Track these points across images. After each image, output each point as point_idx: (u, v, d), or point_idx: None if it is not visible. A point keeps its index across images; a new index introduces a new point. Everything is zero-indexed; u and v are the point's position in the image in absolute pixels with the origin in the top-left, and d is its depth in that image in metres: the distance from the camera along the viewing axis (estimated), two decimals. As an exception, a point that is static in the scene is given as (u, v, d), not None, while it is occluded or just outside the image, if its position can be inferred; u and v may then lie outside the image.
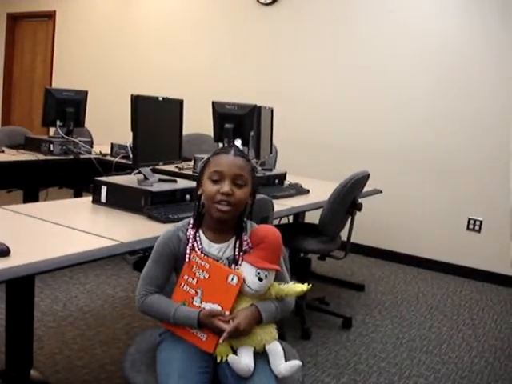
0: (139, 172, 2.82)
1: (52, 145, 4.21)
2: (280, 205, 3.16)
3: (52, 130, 4.94)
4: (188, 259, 1.75)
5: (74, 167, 4.34)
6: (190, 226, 1.80)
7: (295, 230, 3.90)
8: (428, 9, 5.14)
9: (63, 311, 3.48)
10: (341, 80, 5.58)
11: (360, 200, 3.62)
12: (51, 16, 7.87)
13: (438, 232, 5.19)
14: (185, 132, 3.23)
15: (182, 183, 2.90)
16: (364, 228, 4.79)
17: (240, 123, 3.68)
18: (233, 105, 3.76)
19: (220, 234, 1.80)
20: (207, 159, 1.81)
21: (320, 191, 3.71)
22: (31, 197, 4.30)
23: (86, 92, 4.62)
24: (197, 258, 1.74)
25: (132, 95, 2.70)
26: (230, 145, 1.86)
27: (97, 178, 2.77)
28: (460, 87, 5.01)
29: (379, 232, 5.43)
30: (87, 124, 4.74)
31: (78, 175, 4.35)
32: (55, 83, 7.70)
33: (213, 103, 3.85)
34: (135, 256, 4.32)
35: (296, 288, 1.76)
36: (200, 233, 1.80)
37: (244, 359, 1.66)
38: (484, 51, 4.89)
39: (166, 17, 6.77)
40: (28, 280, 2.29)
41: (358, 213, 3.64)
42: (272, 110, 3.99)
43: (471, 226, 5.05)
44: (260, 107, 3.69)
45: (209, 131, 4.09)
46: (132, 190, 2.64)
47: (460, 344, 3.56)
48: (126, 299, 3.77)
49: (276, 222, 2.85)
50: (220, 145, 3.85)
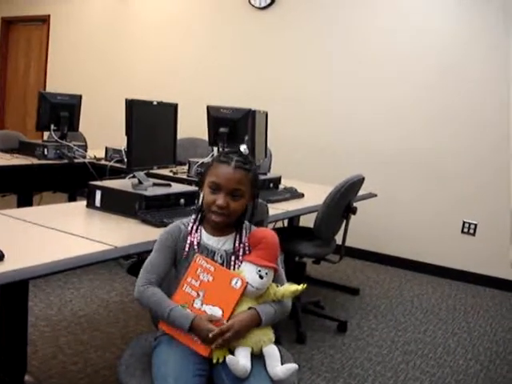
0: (133, 176, 2.82)
1: (46, 149, 4.20)
2: (275, 209, 3.17)
3: (46, 134, 4.94)
4: (187, 249, 1.80)
5: (68, 171, 4.33)
6: (192, 221, 1.86)
7: (290, 234, 3.89)
8: (427, 9, 5.14)
9: (57, 316, 3.46)
10: (336, 83, 5.59)
11: (355, 204, 3.62)
12: (45, 20, 7.86)
13: (433, 235, 5.20)
14: (179, 136, 3.23)
15: (177, 187, 2.90)
16: (359, 232, 4.80)
17: (235, 127, 3.69)
18: (227, 109, 3.77)
19: (220, 230, 1.85)
20: (210, 164, 1.86)
21: (315, 195, 3.71)
22: (25, 201, 4.28)
23: (80, 96, 4.61)
24: (202, 261, 1.76)
25: (126, 99, 2.70)
26: (233, 151, 1.87)
27: (91, 183, 2.76)
28: (455, 92, 5.02)
29: (374, 236, 5.44)
30: (81, 128, 4.73)
31: (72, 179, 4.34)
32: (49, 87, 7.67)
33: (207, 107, 3.85)
34: (129, 260, 4.32)
35: (291, 288, 1.79)
36: (200, 227, 1.85)
37: (241, 360, 1.67)
38: (484, 52, 4.89)
39: (160, 21, 6.77)
40: (22, 284, 2.28)
41: (353, 216, 3.64)
42: (266, 114, 3.99)
43: (466, 230, 5.06)
44: (255, 111, 3.69)
45: (203, 135, 4.09)
46: (126, 195, 2.63)
47: (455, 347, 3.56)
48: (121, 304, 3.76)
49: (271, 226, 2.85)
50: (215, 149, 3.85)
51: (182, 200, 2.76)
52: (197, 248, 1.82)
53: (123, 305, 3.73)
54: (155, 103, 2.91)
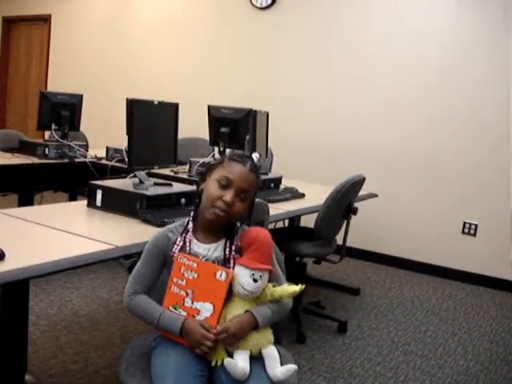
0: (134, 176, 2.82)
1: (47, 148, 4.20)
2: (275, 209, 3.16)
3: (47, 134, 4.94)
4: (175, 259, 1.75)
5: (69, 171, 4.33)
6: (182, 227, 1.82)
7: (291, 234, 3.90)
8: (427, 9, 5.13)
9: (58, 315, 3.46)
10: (336, 83, 5.59)
11: (355, 204, 3.62)
12: (47, 20, 7.87)
13: (434, 236, 5.20)
14: (180, 136, 3.23)
15: (178, 187, 2.90)
16: (359, 232, 4.80)
17: (235, 127, 3.69)
18: (228, 109, 3.77)
19: (210, 236, 1.81)
20: (221, 160, 1.83)
21: (315, 195, 3.71)
22: (26, 200, 4.28)
23: (82, 96, 4.62)
24: (184, 259, 1.73)
25: (127, 99, 2.70)
26: (248, 156, 1.87)
27: (92, 182, 2.76)
28: (455, 92, 5.02)
29: (375, 236, 5.43)
30: (82, 127, 4.73)
31: (73, 179, 4.34)
32: (50, 87, 7.69)
33: (208, 107, 3.86)
34: (130, 260, 4.30)
35: (289, 289, 1.77)
36: (190, 233, 1.81)
37: (240, 363, 1.66)
38: (484, 52, 4.89)
39: (161, 20, 6.77)
40: (23, 284, 2.28)
41: (354, 217, 3.64)
42: (267, 114, 3.99)
43: (466, 230, 5.06)
44: (255, 111, 3.69)
45: (204, 135, 4.09)
46: (127, 194, 2.63)
47: (455, 348, 3.56)
48: (121, 303, 3.72)
49: (272, 226, 2.85)
50: (216, 149, 3.86)
51: (183, 200, 2.76)
52: None
53: (123, 304, 3.72)
54: (156, 103, 2.91)
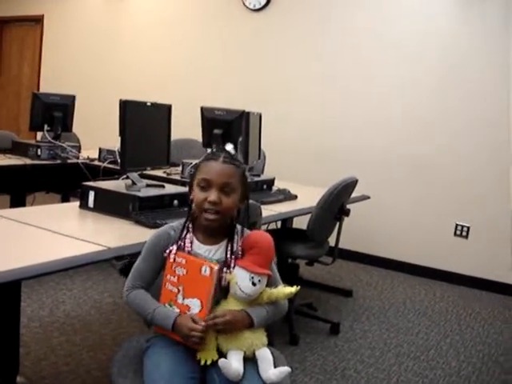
0: (127, 177, 2.81)
1: (39, 149, 4.19)
2: (268, 210, 3.17)
3: (39, 135, 4.92)
4: (170, 258, 1.75)
5: (62, 172, 4.32)
6: (182, 228, 1.82)
7: (283, 236, 3.90)
8: (427, 10, 5.13)
9: (50, 317, 3.45)
10: (329, 86, 5.59)
11: (348, 206, 3.63)
12: (39, 20, 7.84)
13: (426, 238, 5.21)
14: (173, 137, 3.22)
15: (170, 188, 2.90)
16: (352, 234, 4.80)
17: (229, 129, 3.69)
18: (221, 110, 3.77)
19: (211, 237, 1.81)
20: (197, 165, 1.82)
21: (308, 197, 3.72)
22: (18, 201, 4.26)
23: (74, 96, 4.60)
24: (174, 256, 1.74)
25: (120, 100, 2.70)
26: (221, 149, 1.85)
27: (84, 183, 2.76)
28: (450, 96, 5.03)
29: (367, 238, 5.44)
30: (75, 128, 4.72)
31: (66, 180, 4.33)
32: (43, 87, 7.66)
33: (201, 108, 3.85)
34: (122, 261, 4.29)
35: (285, 290, 1.78)
36: (191, 234, 1.80)
37: (234, 363, 1.66)
38: (484, 52, 4.90)
39: (155, 22, 6.76)
40: (14, 285, 2.27)
41: (346, 218, 3.65)
42: (260, 116, 4.00)
43: (459, 232, 5.08)
44: (248, 113, 3.69)
45: (197, 136, 4.09)
46: (120, 195, 2.63)
47: (447, 349, 3.57)
48: (113, 305, 3.75)
49: (264, 228, 2.85)
50: (209, 150, 3.85)
51: (176, 201, 2.75)
52: None
53: (116, 306, 3.72)
54: (149, 104, 2.91)
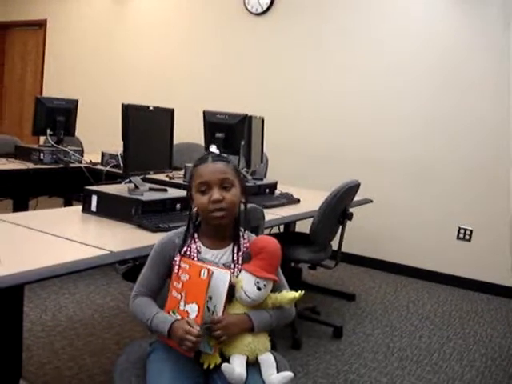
0: (130, 181, 2.81)
1: (42, 154, 4.20)
2: (271, 214, 3.16)
3: (42, 139, 4.93)
4: (175, 265, 1.74)
5: (65, 176, 4.33)
6: (187, 235, 1.81)
7: (286, 240, 3.87)
8: (426, 11, 5.13)
9: (52, 321, 3.45)
10: (331, 89, 5.60)
11: (351, 209, 3.63)
12: (42, 25, 7.86)
13: (429, 241, 5.20)
14: (175, 141, 3.23)
15: (173, 192, 2.89)
16: (355, 237, 4.80)
17: (231, 132, 3.69)
18: (223, 114, 3.77)
19: (217, 241, 1.80)
20: (191, 174, 1.83)
21: (311, 200, 3.72)
22: (21, 206, 4.27)
23: (77, 101, 4.61)
24: (180, 262, 1.73)
25: (123, 104, 2.70)
26: (206, 153, 1.86)
27: (87, 187, 2.76)
28: (451, 99, 5.03)
29: (370, 241, 5.44)
30: (78, 133, 4.73)
31: (68, 184, 4.33)
32: (46, 92, 7.68)
33: (204, 112, 3.86)
34: (125, 266, 4.30)
35: (288, 295, 1.78)
36: (196, 240, 1.80)
37: (237, 368, 1.66)
38: (484, 53, 4.90)
39: (157, 26, 6.78)
40: (17, 290, 2.27)
41: (349, 222, 3.64)
42: (263, 120, 4.00)
43: (461, 236, 5.07)
44: (251, 116, 3.70)
45: (200, 140, 4.09)
46: (122, 199, 2.63)
47: (451, 353, 3.56)
48: (116, 309, 3.75)
49: (267, 232, 2.85)
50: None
51: (178, 205, 2.75)
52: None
53: (118, 310, 3.72)
54: (151, 108, 2.91)
